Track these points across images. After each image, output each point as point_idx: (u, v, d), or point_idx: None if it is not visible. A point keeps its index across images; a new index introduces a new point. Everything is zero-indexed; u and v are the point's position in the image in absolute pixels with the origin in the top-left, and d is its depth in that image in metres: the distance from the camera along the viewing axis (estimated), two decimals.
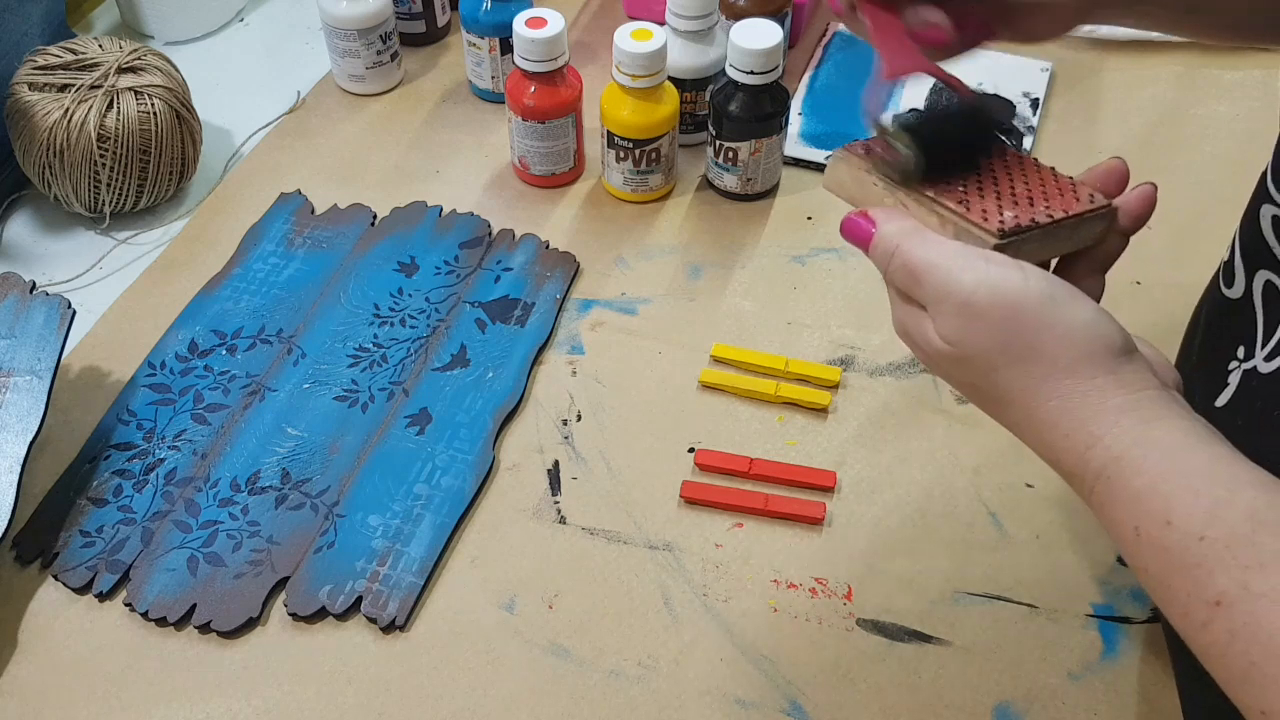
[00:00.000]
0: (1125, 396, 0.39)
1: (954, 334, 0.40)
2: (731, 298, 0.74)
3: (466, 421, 0.66)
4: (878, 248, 0.43)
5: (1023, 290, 0.39)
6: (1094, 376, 0.39)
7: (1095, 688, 0.56)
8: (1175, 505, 0.37)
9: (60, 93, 0.74)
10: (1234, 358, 0.46)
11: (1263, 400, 0.44)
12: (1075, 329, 0.39)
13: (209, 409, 0.67)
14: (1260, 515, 0.35)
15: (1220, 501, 0.36)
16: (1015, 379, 0.40)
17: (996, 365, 0.40)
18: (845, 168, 0.46)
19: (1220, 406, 0.46)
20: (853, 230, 0.44)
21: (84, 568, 0.60)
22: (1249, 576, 0.35)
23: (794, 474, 0.64)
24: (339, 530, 0.61)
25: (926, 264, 0.41)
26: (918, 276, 0.41)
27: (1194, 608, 0.36)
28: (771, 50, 0.73)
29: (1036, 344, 0.39)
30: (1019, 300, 0.39)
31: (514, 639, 0.58)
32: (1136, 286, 0.75)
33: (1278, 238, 0.44)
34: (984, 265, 0.40)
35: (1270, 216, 0.45)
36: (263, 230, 0.78)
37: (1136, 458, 0.38)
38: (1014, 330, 0.39)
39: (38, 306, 0.65)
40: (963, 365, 0.41)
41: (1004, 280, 0.39)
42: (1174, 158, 0.84)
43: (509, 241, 0.77)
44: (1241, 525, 0.35)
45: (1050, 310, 0.39)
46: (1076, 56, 0.92)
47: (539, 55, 0.75)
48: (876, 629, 0.58)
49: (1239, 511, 0.36)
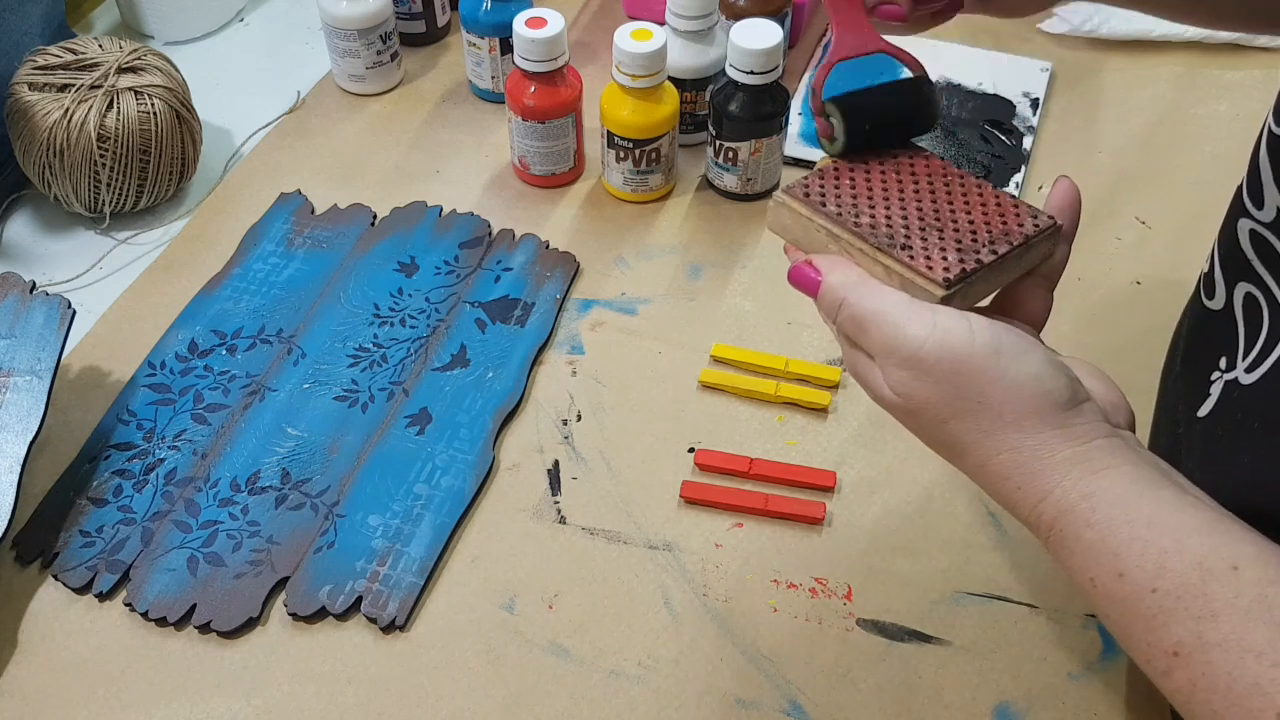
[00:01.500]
0: (1073, 448, 0.39)
1: (902, 386, 0.41)
2: (731, 298, 0.74)
3: (466, 421, 0.66)
4: (825, 298, 0.43)
5: (968, 345, 0.39)
6: (1040, 430, 0.39)
7: (1095, 688, 0.56)
8: (1125, 558, 0.37)
9: (60, 93, 0.74)
10: (1216, 368, 0.46)
11: (1243, 411, 0.44)
12: (1020, 384, 0.39)
13: (209, 409, 0.67)
14: (1207, 563, 0.36)
15: (1167, 551, 0.37)
16: (965, 431, 0.40)
17: (945, 418, 0.41)
18: (787, 212, 0.46)
19: (1202, 417, 0.46)
20: (800, 279, 0.44)
21: (84, 568, 0.60)
22: (1202, 627, 0.36)
23: (794, 474, 0.64)
24: (339, 530, 0.61)
25: (874, 316, 0.41)
26: (865, 328, 0.41)
27: (1155, 657, 0.37)
28: (771, 50, 0.73)
29: (983, 398, 0.40)
30: (965, 355, 0.39)
31: (514, 639, 0.58)
32: (1136, 286, 0.75)
33: (1256, 251, 0.44)
34: (930, 318, 0.40)
35: (1248, 230, 0.45)
36: (263, 230, 0.78)
37: (1085, 510, 0.39)
38: (960, 385, 0.40)
39: (38, 306, 0.65)
40: (913, 416, 0.42)
41: (949, 335, 0.40)
42: (1174, 158, 0.84)
43: (509, 241, 0.77)
44: (1190, 575, 0.36)
45: (996, 364, 0.39)
46: (1076, 56, 0.92)
47: (539, 55, 0.75)
48: (876, 629, 0.58)
49: (1186, 561, 0.36)
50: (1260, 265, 0.44)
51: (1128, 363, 0.49)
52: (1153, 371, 0.59)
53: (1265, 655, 0.34)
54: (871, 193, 0.45)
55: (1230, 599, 0.35)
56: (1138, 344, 0.62)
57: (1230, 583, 0.36)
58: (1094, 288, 0.74)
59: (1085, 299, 0.73)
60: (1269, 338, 0.43)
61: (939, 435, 0.42)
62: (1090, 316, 0.73)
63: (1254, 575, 0.36)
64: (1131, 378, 0.49)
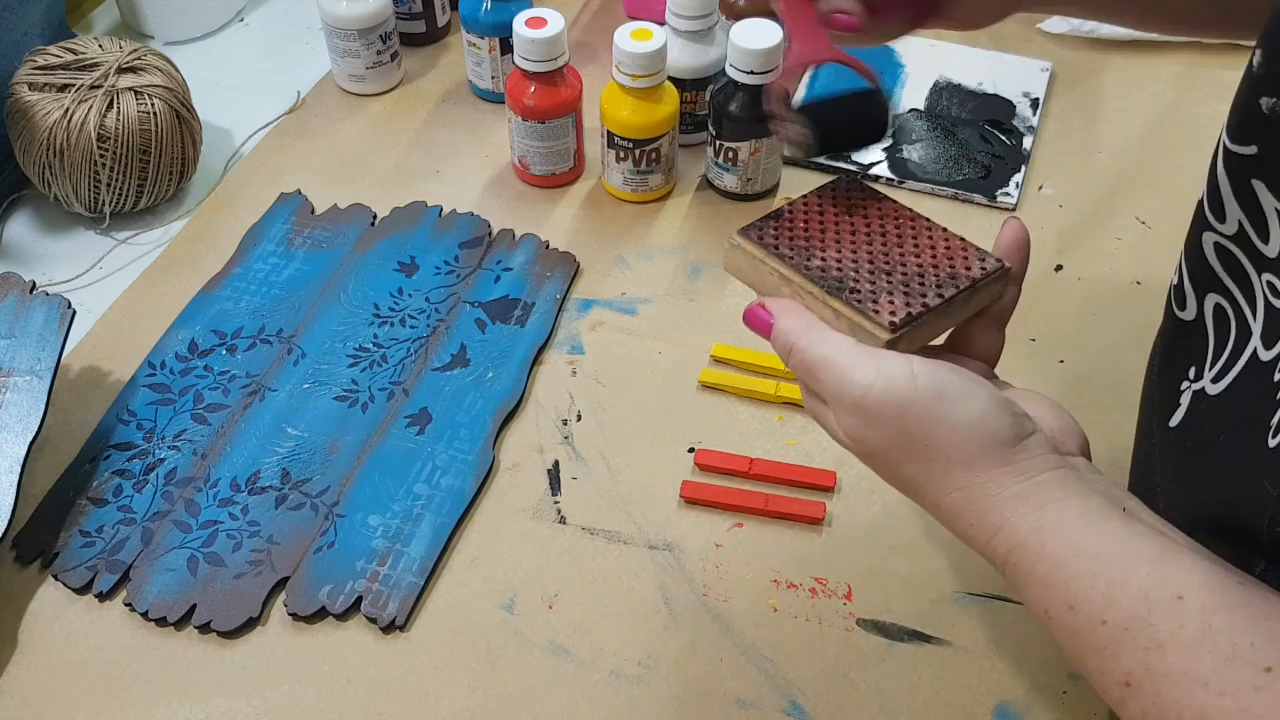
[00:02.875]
0: (1020, 484, 0.40)
1: (853, 430, 0.42)
2: (731, 298, 0.74)
3: (466, 421, 0.66)
4: (776, 341, 0.45)
5: (911, 390, 0.40)
6: (988, 469, 0.40)
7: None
8: (1075, 590, 0.38)
9: (60, 93, 0.74)
10: (1186, 378, 0.46)
11: (1209, 423, 0.44)
12: (964, 425, 0.40)
13: (209, 409, 0.67)
14: (1152, 595, 0.37)
15: (1114, 584, 0.37)
16: (917, 473, 0.42)
17: (897, 460, 0.42)
18: (742, 254, 0.47)
19: (1173, 427, 0.47)
20: (753, 320, 0.46)
21: (84, 568, 0.60)
22: (1150, 658, 0.36)
23: (794, 474, 0.64)
24: (339, 530, 0.61)
25: (822, 363, 0.42)
26: (815, 374, 0.43)
27: (1109, 687, 0.38)
28: (771, 50, 0.73)
29: (929, 441, 0.41)
30: (908, 400, 0.40)
31: (514, 639, 0.58)
32: (1136, 286, 0.75)
33: (1221, 264, 0.45)
34: (874, 364, 0.41)
35: (1212, 243, 0.45)
36: (263, 230, 0.78)
37: (1035, 545, 0.39)
38: (906, 429, 0.41)
39: (38, 306, 0.65)
40: (869, 457, 0.43)
41: (893, 380, 0.41)
42: (1174, 158, 0.84)
43: (509, 241, 0.77)
44: (1137, 606, 0.37)
45: (939, 408, 0.40)
46: (1076, 56, 0.92)
47: (539, 55, 0.75)
48: (876, 629, 0.58)
49: (1132, 592, 0.37)
50: (1226, 277, 0.44)
51: (1127, 363, 0.49)
52: None
53: (1211, 684, 0.35)
54: (824, 236, 0.47)
55: (1175, 629, 0.36)
56: (1138, 344, 0.62)
57: (1175, 613, 0.36)
58: (1094, 288, 0.74)
59: (1085, 299, 0.73)
60: (1234, 348, 0.43)
61: (894, 476, 0.43)
62: (1090, 316, 0.73)
63: (1198, 604, 0.36)
64: (1131, 378, 0.49)
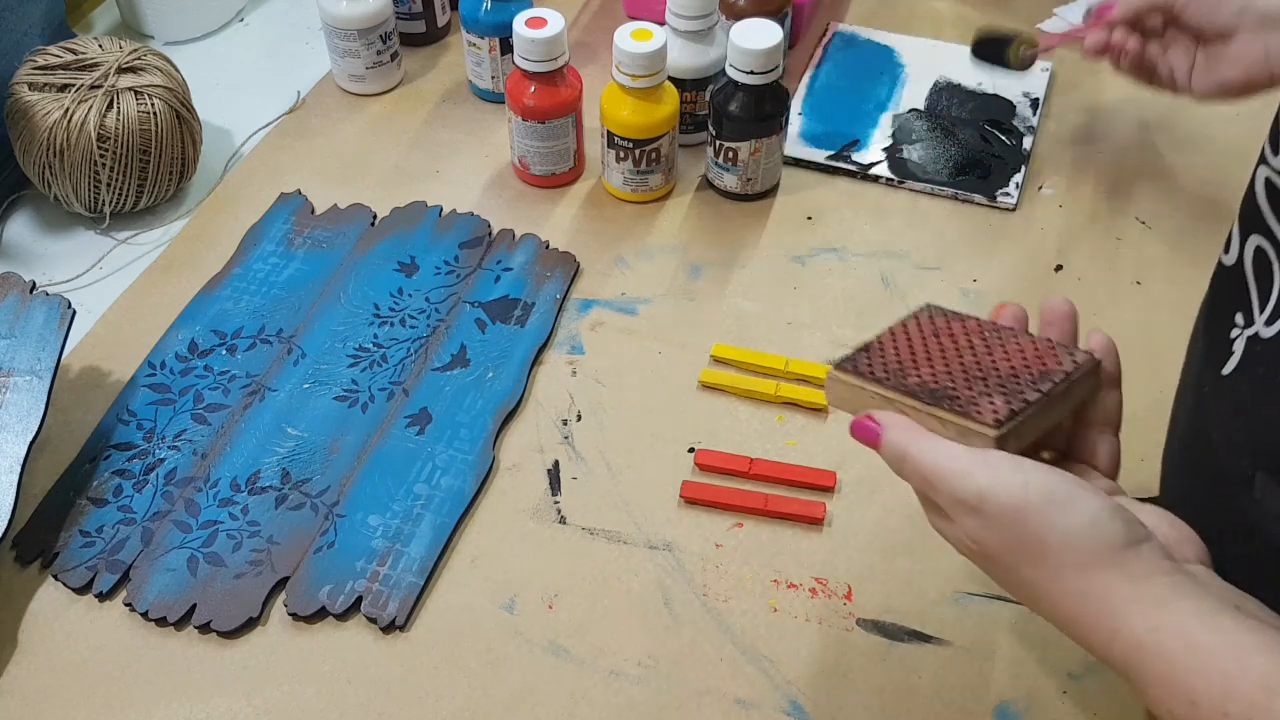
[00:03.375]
0: (1134, 587, 0.41)
1: (974, 533, 0.43)
2: (731, 298, 0.74)
3: (466, 421, 0.66)
4: (886, 450, 0.45)
5: (1023, 496, 0.41)
6: (1102, 571, 0.41)
7: (1095, 688, 0.56)
8: (1195, 685, 0.39)
9: (60, 93, 0.74)
10: (1234, 325, 0.46)
11: (1266, 366, 0.44)
12: (1076, 530, 0.41)
13: (209, 409, 0.67)
14: (1270, 682, 0.38)
15: (1231, 675, 0.38)
16: (1035, 577, 0.42)
17: (1014, 565, 0.43)
18: (841, 385, 0.48)
19: (1226, 375, 0.47)
20: (861, 433, 0.46)
21: (84, 568, 0.60)
22: None
23: (794, 474, 0.64)
24: (339, 530, 0.61)
25: (936, 471, 0.43)
26: (931, 484, 0.44)
27: None
28: (771, 50, 0.73)
29: (1044, 546, 0.41)
30: (1021, 506, 0.41)
31: (514, 639, 0.58)
32: (1136, 286, 0.75)
33: (1269, 200, 0.45)
34: (986, 471, 0.42)
35: (1264, 179, 0.45)
36: (263, 230, 0.78)
37: (1152, 644, 0.40)
38: (1021, 534, 0.42)
39: (38, 306, 0.65)
40: (990, 562, 0.44)
41: (1005, 486, 0.42)
42: (1174, 158, 0.84)
43: (509, 241, 0.77)
44: (1257, 695, 0.38)
45: (1051, 513, 0.41)
46: (1076, 56, 0.92)
47: (539, 55, 0.75)
48: (876, 629, 0.58)
49: (1251, 682, 0.38)
50: (1271, 216, 0.44)
51: (1127, 362, 0.49)
52: (1153, 370, 0.59)
53: None
54: (915, 357, 0.48)
55: None
56: (1137, 344, 0.62)
57: None
58: (1094, 287, 0.74)
59: (1085, 299, 0.73)
60: None
61: (1013, 580, 0.44)
62: (1090, 316, 0.72)
63: None
64: (1131, 376, 0.49)
